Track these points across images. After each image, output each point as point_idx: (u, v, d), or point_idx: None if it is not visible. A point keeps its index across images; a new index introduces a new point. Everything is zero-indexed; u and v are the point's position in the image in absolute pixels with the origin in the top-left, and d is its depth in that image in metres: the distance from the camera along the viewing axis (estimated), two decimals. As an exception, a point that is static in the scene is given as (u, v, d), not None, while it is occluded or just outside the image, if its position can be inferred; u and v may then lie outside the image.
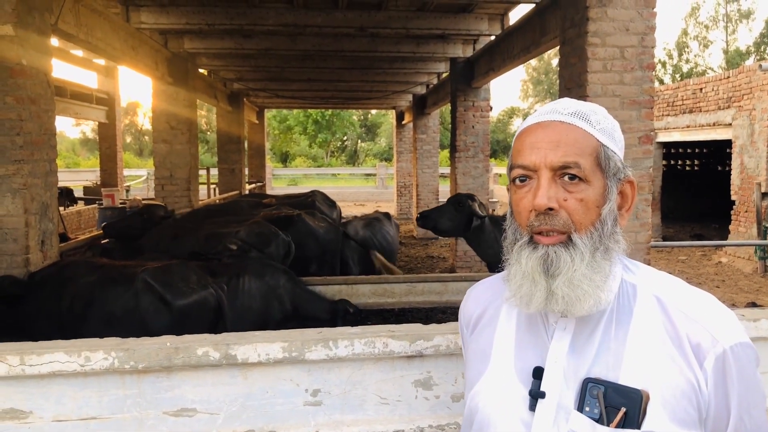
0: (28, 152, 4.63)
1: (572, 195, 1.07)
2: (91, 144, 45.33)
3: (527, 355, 1.14)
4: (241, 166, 14.82)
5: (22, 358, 1.72)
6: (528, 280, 1.08)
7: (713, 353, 1.02)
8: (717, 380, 1.02)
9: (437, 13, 8.21)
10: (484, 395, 1.16)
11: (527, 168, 1.10)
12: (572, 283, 1.05)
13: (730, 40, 39.09)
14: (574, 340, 1.10)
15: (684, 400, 1.01)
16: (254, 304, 3.65)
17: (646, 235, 4.82)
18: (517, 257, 1.11)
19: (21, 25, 4.51)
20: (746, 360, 1.03)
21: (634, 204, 1.18)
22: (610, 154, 1.11)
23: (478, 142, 9.96)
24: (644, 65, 4.87)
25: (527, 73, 49.40)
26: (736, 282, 9.99)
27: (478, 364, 1.21)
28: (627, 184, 1.15)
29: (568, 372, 1.08)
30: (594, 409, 1.03)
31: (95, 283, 3.60)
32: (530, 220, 1.09)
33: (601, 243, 1.08)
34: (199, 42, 9.40)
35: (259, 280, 3.73)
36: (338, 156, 45.75)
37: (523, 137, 1.14)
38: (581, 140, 1.09)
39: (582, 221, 1.07)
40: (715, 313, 1.07)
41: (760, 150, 10.98)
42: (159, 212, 6.22)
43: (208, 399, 1.81)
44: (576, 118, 1.11)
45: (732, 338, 1.03)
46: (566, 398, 1.06)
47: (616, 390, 1.03)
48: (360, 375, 1.86)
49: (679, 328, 1.05)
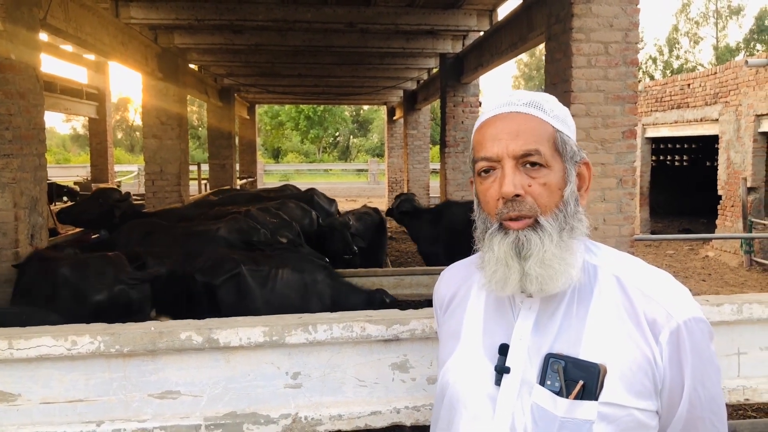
0: (18, 146, 4.66)
1: (536, 180, 1.13)
2: (82, 140, 45.12)
3: (494, 333, 1.20)
4: (232, 161, 14.83)
5: (10, 342, 1.77)
6: (502, 265, 1.14)
7: (668, 328, 1.09)
8: (671, 353, 1.09)
9: (426, 9, 8.27)
10: (453, 372, 1.22)
11: (491, 159, 1.16)
12: (544, 263, 1.11)
13: (720, 36, 39.35)
14: (538, 319, 1.16)
15: (640, 373, 1.08)
16: (293, 297, 3.68)
17: (630, 228, 4.89)
18: (489, 244, 1.17)
19: (9, 19, 4.54)
20: (699, 334, 1.10)
21: (590, 183, 1.25)
22: (565, 139, 1.18)
23: (468, 138, 10.01)
24: (628, 61, 4.93)
25: (519, 69, 49.58)
26: (722, 276, 10.12)
27: (449, 342, 1.27)
28: (583, 165, 1.22)
29: (532, 348, 1.14)
30: (555, 382, 1.09)
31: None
32: (498, 208, 1.15)
33: (566, 223, 1.15)
34: (189, 37, 9.41)
35: (299, 275, 3.75)
36: (330, 152, 45.73)
37: (482, 130, 1.20)
38: (538, 128, 1.16)
39: (547, 204, 1.14)
40: (670, 290, 1.14)
41: (746, 145, 11.10)
42: (114, 196, 6.05)
43: (192, 382, 1.87)
44: (531, 108, 1.17)
45: (685, 313, 1.10)
46: (529, 373, 1.13)
47: (576, 364, 1.09)
48: (339, 358, 1.92)
49: (636, 305, 1.12)
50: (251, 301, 3.61)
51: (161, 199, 9.24)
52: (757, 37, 37.07)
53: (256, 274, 3.71)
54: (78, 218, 6.10)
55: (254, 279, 3.68)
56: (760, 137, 10.93)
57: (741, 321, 2.01)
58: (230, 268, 3.69)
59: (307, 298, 3.69)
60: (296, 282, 3.73)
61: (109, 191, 6.25)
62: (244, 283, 3.65)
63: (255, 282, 3.67)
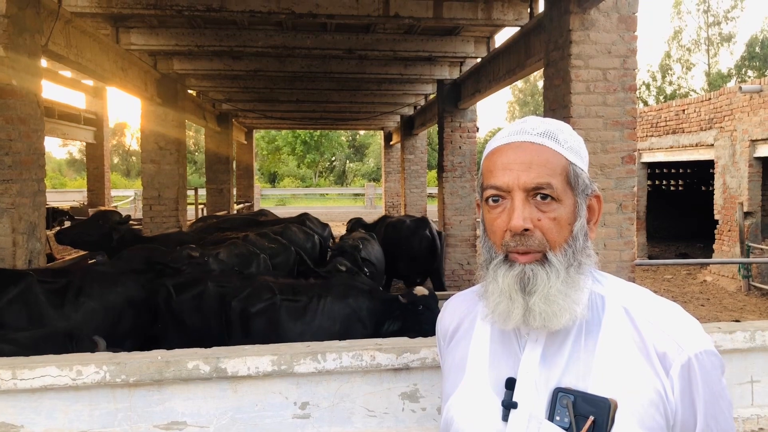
0: (17, 172, 4.65)
1: (545, 215, 1.10)
2: (78, 164, 45.11)
3: (500, 366, 1.17)
4: (230, 186, 14.84)
5: (14, 372, 1.74)
6: (505, 298, 1.11)
7: (679, 361, 1.06)
8: (683, 388, 1.06)
9: (424, 36, 8.36)
10: (458, 407, 1.18)
11: (500, 189, 1.13)
12: (548, 299, 1.08)
13: (712, 62, 39.80)
14: (545, 351, 1.13)
15: (651, 408, 1.05)
16: (334, 326, 3.63)
17: (631, 253, 4.89)
18: (493, 275, 1.14)
19: (11, 46, 4.56)
20: (711, 367, 1.07)
21: (600, 216, 1.22)
22: (578, 172, 1.15)
23: (465, 163, 10.07)
24: (626, 87, 4.97)
25: (513, 95, 49.99)
26: (721, 300, 10.10)
27: (453, 375, 1.24)
28: (594, 198, 1.19)
29: (540, 382, 1.11)
30: (564, 418, 1.06)
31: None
32: (505, 240, 1.12)
33: (574, 259, 1.12)
34: (189, 63, 9.47)
35: (341, 303, 3.70)
36: (327, 176, 45.81)
37: (493, 157, 1.17)
38: (552, 160, 1.12)
39: (556, 239, 1.11)
40: (680, 323, 1.11)
41: (742, 170, 11.17)
42: (114, 218, 6.00)
43: (198, 412, 1.83)
44: (545, 138, 1.14)
45: (696, 346, 1.07)
46: (538, 408, 1.09)
47: (585, 399, 1.06)
48: (348, 388, 1.89)
49: (646, 338, 1.09)
50: (284, 331, 3.58)
51: (159, 224, 9.21)
52: (749, 63, 37.54)
53: (292, 305, 3.68)
54: (76, 239, 6.03)
55: (289, 309, 3.65)
56: (755, 162, 11.01)
57: (754, 348, 1.99)
58: (267, 298, 3.68)
59: (348, 326, 3.64)
60: (338, 311, 3.68)
61: (109, 213, 6.20)
62: (278, 313, 3.63)
63: (289, 313, 3.65)
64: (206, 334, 3.67)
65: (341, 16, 6.61)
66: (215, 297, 3.75)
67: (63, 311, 3.58)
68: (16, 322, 3.35)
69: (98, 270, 4.01)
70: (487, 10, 6.80)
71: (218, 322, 3.71)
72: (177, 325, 3.75)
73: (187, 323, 3.74)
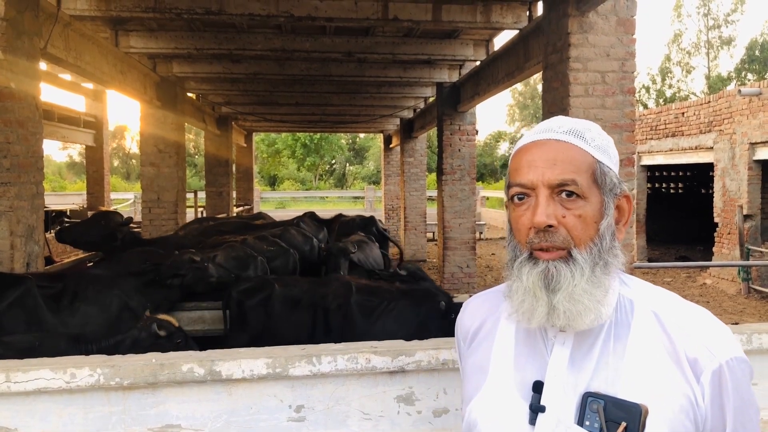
0: (15, 175, 4.64)
1: (570, 212, 1.09)
2: (78, 167, 45.13)
3: (526, 369, 1.15)
4: (229, 189, 14.84)
5: (8, 375, 1.73)
6: (529, 296, 1.10)
7: (710, 368, 1.05)
8: (713, 394, 1.04)
9: (423, 39, 8.36)
10: (482, 409, 1.16)
11: (525, 186, 1.12)
12: (573, 297, 1.07)
13: (712, 65, 39.84)
14: (573, 354, 1.11)
15: (682, 415, 1.03)
16: (401, 331, 3.68)
17: (629, 256, 4.90)
18: (518, 273, 1.13)
19: (10, 49, 4.56)
20: (741, 374, 1.06)
21: (630, 218, 1.20)
22: (605, 170, 1.13)
23: (465, 165, 10.08)
24: (625, 90, 4.98)
25: (513, 98, 49.96)
26: (721, 303, 10.09)
27: (475, 377, 1.22)
28: (623, 198, 1.17)
29: (568, 386, 1.09)
30: (594, 423, 1.04)
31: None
32: (530, 237, 1.11)
33: (600, 258, 1.10)
34: (188, 66, 9.48)
35: (413, 311, 3.75)
36: (326, 179, 45.84)
37: (519, 156, 1.16)
38: (577, 158, 1.11)
39: (581, 237, 1.09)
40: (711, 329, 1.09)
41: (741, 173, 11.17)
42: (116, 219, 5.88)
43: (193, 415, 1.82)
44: (571, 136, 1.13)
45: (728, 353, 1.06)
46: (566, 412, 1.07)
47: (616, 404, 1.04)
48: (343, 391, 1.88)
49: (677, 343, 1.07)
50: (356, 327, 3.71)
51: (158, 227, 9.21)
52: (749, 66, 37.56)
53: (367, 303, 3.80)
54: (77, 239, 5.96)
55: (363, 309, 3.77)
56: (755, 165, 11.01)
57: (751, 351, 1.99)
58: (344, 294, 3.84)
59: (415, 331, 3.69)
60: (407, 317, 3.73)
61: (111, 214, 6.13)
62: (352, 311, 3.76)
63: (362, 312, 3.77)
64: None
65: (340, 19, 6.62)
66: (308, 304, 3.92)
67: (60, 316, 3.57)
68: (15, 325, 3.35)
69: (95, 273, 4.00)
70: (485, 13, 6.80)
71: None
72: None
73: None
